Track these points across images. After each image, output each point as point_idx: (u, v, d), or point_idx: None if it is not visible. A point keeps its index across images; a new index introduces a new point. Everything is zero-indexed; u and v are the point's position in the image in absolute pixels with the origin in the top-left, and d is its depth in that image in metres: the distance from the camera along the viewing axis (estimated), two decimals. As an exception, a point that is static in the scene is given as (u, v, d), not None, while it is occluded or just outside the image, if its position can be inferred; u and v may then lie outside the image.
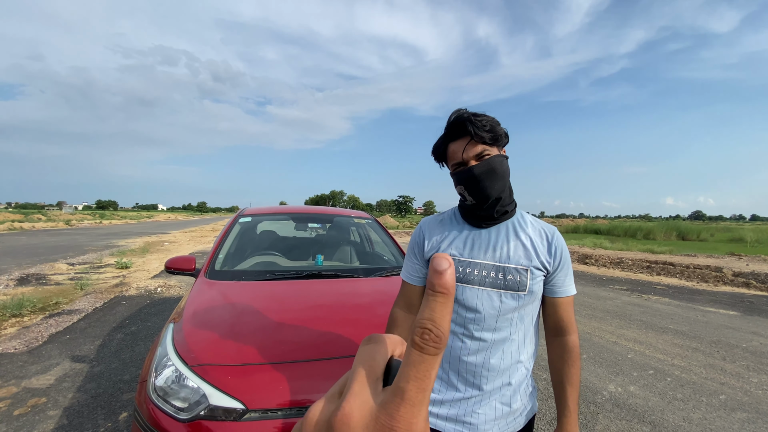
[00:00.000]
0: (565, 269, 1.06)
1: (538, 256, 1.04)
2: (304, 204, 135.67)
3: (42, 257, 10.42)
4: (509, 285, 1.02)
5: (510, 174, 1.07)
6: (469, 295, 1.04)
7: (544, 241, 1.07)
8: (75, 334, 4.16)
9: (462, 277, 1.05)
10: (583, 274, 9.91)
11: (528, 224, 1.09)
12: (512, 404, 1.06)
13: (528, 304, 1.04)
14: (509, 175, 1.07)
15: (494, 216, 1.06)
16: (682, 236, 29.61)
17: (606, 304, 6.29)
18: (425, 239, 1.15)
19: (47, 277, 7.58)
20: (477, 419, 1.04)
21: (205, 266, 2.39)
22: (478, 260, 1.05)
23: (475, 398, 1.05)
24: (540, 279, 1.04)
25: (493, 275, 1.03)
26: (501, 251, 1.04)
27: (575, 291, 1.08)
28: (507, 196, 1.06)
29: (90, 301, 5.67)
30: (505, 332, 1.04)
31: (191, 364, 1.46)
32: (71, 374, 3.13)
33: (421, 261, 1.15)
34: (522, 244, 1.05)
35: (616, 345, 4.24)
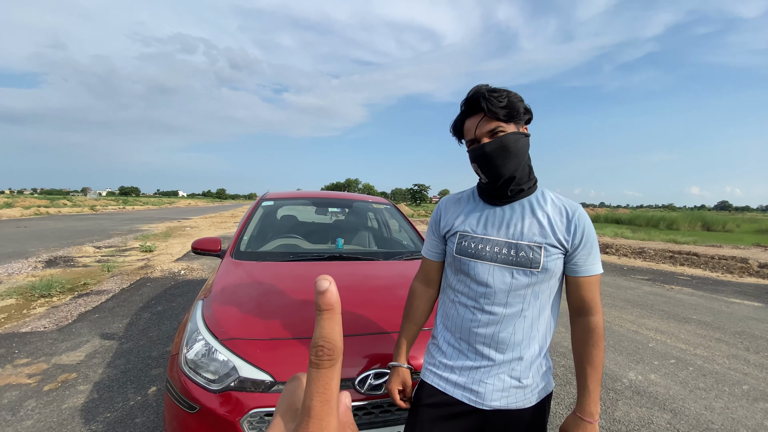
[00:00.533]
0: (588, 247, 1.03)
1: (555, 234, 1.02)
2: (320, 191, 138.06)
3: (69, 241, 10.83)
4: (521, 261, 1.02)
5: (528, 152, 1.05)
6: (480, 270, 1.05)
7: (564, 219, 1.04)
8: (104, 313, 4.34)
9: (474, 252, 1.07)
10: (604, 263, 9.70)
11: (548, 201, 1.07)
12: (522, 379, 1.06)
13: (543, 282, 1.03)
14: (527, 154, 1.05)
15: (508, 194, 1.05)
16: (707, 227, 28.76)
17: (627, 294, 6.19)
18: (441, 216, 1.19)
19: (75, 260, 7.89)
20: (484, 388, 1.06)
21: (230, 247, 2.45)
22: (491, 237, 1.06)
23: (484, 368, 1.06)
24: (556, 257, 1.02)
25: (506, 252, 1.03)
26: (515, 228, 1.04)
27: (601, 270, 1.05)
28: (524, 175, 1.05)
29: (117, 282, 5.88)
30: (517, 307, 1.04)
31: (221, 338, 1.51)
32: (101, 351, 3.28)
33: (438, 237, 1.20)
34: (538, 221, 1.04)
35: (637, 334, 4.18)
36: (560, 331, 4.20)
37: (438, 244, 1.20)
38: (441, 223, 1.19)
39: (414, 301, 1.26)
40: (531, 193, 1.08)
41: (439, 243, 1.20)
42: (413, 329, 1.26)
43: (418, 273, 1.29)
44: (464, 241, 1.09)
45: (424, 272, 1.26)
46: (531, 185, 1.07)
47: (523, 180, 1.05)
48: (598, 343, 1.04)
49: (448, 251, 1.16)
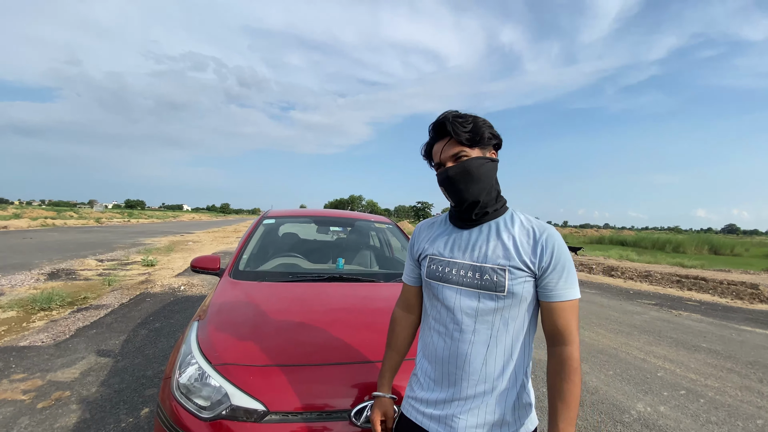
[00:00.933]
0: (559, 270, 0.98)
1: (519, 255, 0.98)
2: (324, 208, 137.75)
3: (72, 253, 10.85)
4: (486, 285, 0.99)
5: (494, 177, 1.05)
6: (447, 294, 1.04)
7: (531, 240, 1.01)
8: (101, 329, 4.29)
9: (441, 276, 1.05)
10: (608, 287, 9.60)
11: (516, 223, 1.05)
12: (497, 414, 1.00)
13: (512, 307, 0.99)
14: (492, 178, 1.04)
15: (473, 218, 1.04)
16: (714, 250, 28.41)
17: (633, 319, 6.06)
18: (415, 240, 1.20)
19: (77, 273, 7.88)
20: (457, 423, 1.02)
21: (229, 266, 2.42)
22: (457, 260, 1.04)
23: (458, 402, 1.02)
24: (523, 280, 0.98)
25: (471, 275, 1.01)
26: (479, 251, 1.02)
27: (577, 295, 0.99)
28: (490, 199, 1.04)
29: (117, 297, 5.84)
30: (485, 334, 1.00)
31: (214, 363, 1.46)
32: (96, 368, 3.22)
33: (414, 262, 1.19)
34: (503, 243, 1.01)
35: (645, 362, 4.06)
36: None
37: (414, 269, 1.20)
38: (415, 246, 1.19)
39: (395, 328, 1.24)
40: (498, 216, 1.06)
41: (415, 267, 1.19)
42: (395, 358, 1.24)
43: (399, 299, 1.27)
44: (433, 264, 1.08)
45: (404, 298, 1.25)
46: (498, 208, 1.06)
47: (489, 204, 1.04)
48: (572, 377, 0.95)
49: (422, 275, 1.15)
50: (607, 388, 3.33)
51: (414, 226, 26.31)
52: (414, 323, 1.24)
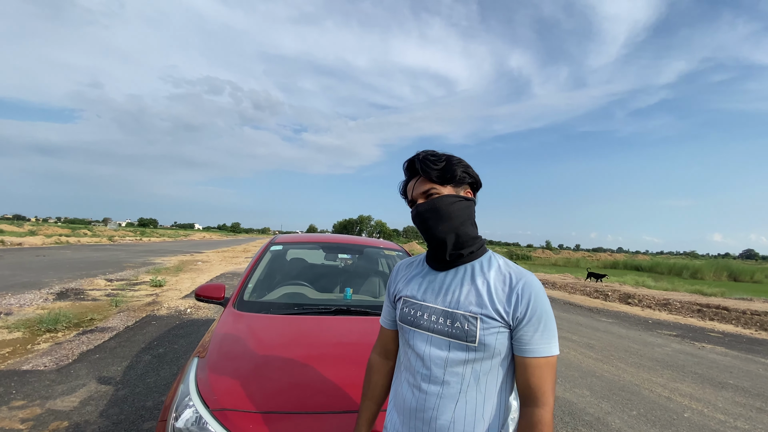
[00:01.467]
0: (535, 323, 0.89)
1: (493, 303, 0.91)
2: (333, 228, 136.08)
3: (83, 272, 10.91)
4: (456, 333, 0.91)
5: (468, 216, 1.00)
6: (418, 340, 0.97)
7: (506, 287, 0.93)
8: (104, 354, 4.21)
9: (413, 320, 0.99)
10: (626, 315, 9.27)
11: (493, 268, 0.97)
12: None
13: (484, 360, 0.91)
14: (464, 217, 0.98)
15: (447, 259, 0.98)
16: (733, 277, 27.56)
17: (654, 352, 5.78)
18: (392, 282, 1.14)
19: (85, 292, 7.88)
20: None
21: (234, 296, 2.34)
22: (429, 304, 0.98)
23: None
24: (496, 330, 0.90)
25: (442, 321, 0.94)
26: (452, 296, 0.96)
27: (554, 352, 0.90)
28: (463, 240, 0.98)
29: (123, 319, 5.79)
30: (455, 387, 0.91)
31: (212, 407, 1.37)
32: (96, 397, 3.12)
33: (391, 304, 1.13)
34: (476, 289, 0.94)
35: (670, 401, 3.82)
36: (584, 394, 3.87)
37: (391, 311, 1.13)
38: (392, 287, 1.13)
39: (372, 376, 1.15)
40: (475, 259, 1.00)
41: (391, 309, 1.12)
42: (372, 408, 1.14)
43: (375, 343, 1.19)
44: (406, 307, 1.02)
45: (381, 342, 1.17)
46: (474, 250, 1.00)
47: (464, 245, 0.98)
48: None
49: (396, 318, 1.08)
50: (631, 430, 3.12)
51: (423, 248, 26.06)
52: (392, 370, 1.15)
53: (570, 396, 3.78)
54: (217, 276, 11.74)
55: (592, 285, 15.12)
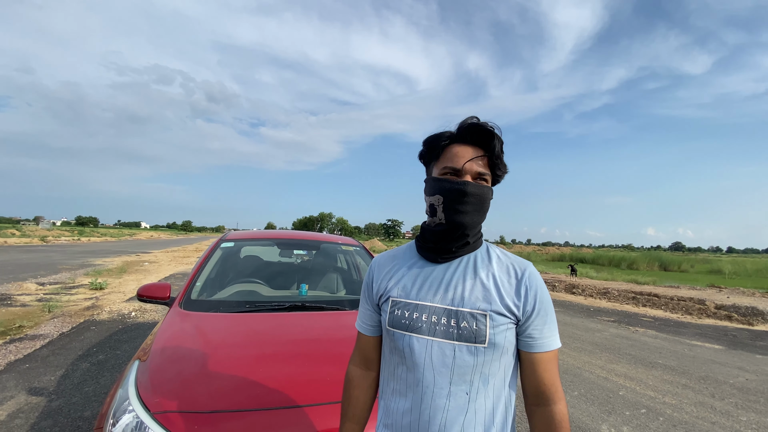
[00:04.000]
0: (543, 315, 0.85)
1: (501, 298, 0.83)
2: (292, 225, 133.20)
3: (10, 276, 9.91)
4: (464, 335, 0.81)
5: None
6: (415, 347, 0.83)
7: (512, 279, 0.86)
8: (35, 363, 3.86)
9: (408, 324, 0.85)
10: (571, 304, 9.87)
11: (494, 259, 0.90)
12: None
13: (493, 361, 0.82)
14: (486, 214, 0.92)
15: (452, 250, 0.88)
16: (664, 267, 30.19)
17: (594, 337, 6.22)
18: (374, 278, 0.97)
19: (13, 298, 7.17)
20: None
21: (180, 295, 2.24)
22: (426, 303, 0.86)
23: None
24: (506, 328, 0.82)
25: (445, 322, 0.83)
26: (455, 291, 0.85)
27: (559, 344, 0.86)
28: (475, 232, 0.90)
29: (57, 326, 5.33)
30: (461, 398, 0.81)
31: (154, 410, 1.30)
32: (26, 409, 2.86)
33: (372, 306, 0.97)
34: (482, 282, 0.85)
35: (607, 381, 4.13)
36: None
37: (372, 315, 0.97)
38: (374, 286, 0.96)
39: (351, 391, 0.99)
40: (475, 249, 0.91)
41: (373, 313, 0.97)
42: (356, 430, 0.97)
43: (353, 353, 1.03)
44: (397, 309, 0.88)
45: (360, 351, 1.01)
46: (477, 239, 0.91)
47: (471, 235, 0.89)
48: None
49: (382, 323, 0.93)
50: (572, 410, 3.34)
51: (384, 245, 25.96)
52: (375, 382, 1.00)
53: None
54: (166, 276, 11.12)
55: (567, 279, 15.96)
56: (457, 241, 0.88)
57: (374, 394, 1.02)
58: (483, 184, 0.87)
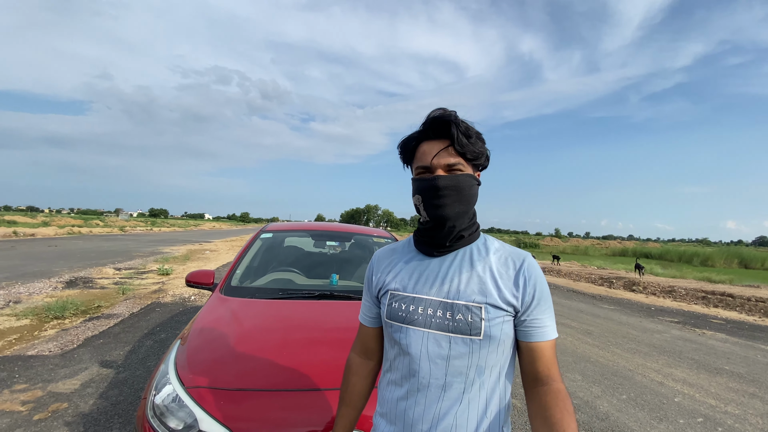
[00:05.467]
0: (543, 305, 0.85)
1: (498, 290, 0.84)
2: (340, 217, 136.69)
3: (93, 261, 11.16)
4: (459, 327, 0.82)
5: (476, 201, 0.91)
6: (412, 338, 0.85)
7: (510, 271, 0.86)
8: (108, 339, 4.35)
9: (405, 316, 0.87)
10: (629, 302, 9.24)
11: (491, 251, 0.90)
12: None
13: (489, 353, 0.83)
14: (475, 202, 0.91)
15: (446, 244, 0.89)
16: (744, 264, 27.19)
17: (653, 338, 5.78)
18: (373, 272, 1.01)
19: (94, 281, 8.08)
20: None
21: (221, 282, 2.41)
22: (422, 296, 0.87)
23: None
24: (501, 320, 0.83)
25: (440, 314, 0.84)
26: (450, 284, 0.86)
27: (556, 334, 0.87)
28: (466, 224, 0.90)
29: (128, 306, 5.94)
30: (457, 389, 0.83)
31: (187, 385, 1.43)
32: (97, 380, 3.24)
33: (372, 299, 1.00)
34: (477, 275, 0.86)
35: (662, 386, 3.84)
36: (576, 378, 3.91)
37: (372, 307, 1.01)
38: (373, 279, 1.00)
39: (350, 378, 1.03)
40: (472, 242, 0.91)
41: (373, 305, 1.00)
42: (351, 414, 1.01)
43: (354, 342, 1.08)
44: (395, 302, 0.90)
45: (361, 341, 1.05)
46: (472, 231, 0.91)
47: (463, 227, 0.89)
48: (570, 408, 0.79)
49: (381, 315, 0.96)
50: (618, 414, 3.15)
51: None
52: (373, 371, 1.04)
53: (561, 380, 3.81)
54: (223, 264, 11.92)
55: (596, 272, 15.05)
56: (447, 235, 0.88)
57: (372, 383, 1.05)
58: (457, 174, 0.86)
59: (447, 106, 0.90)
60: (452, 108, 0.89)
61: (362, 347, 1.05)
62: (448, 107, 0.89)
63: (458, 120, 0.84)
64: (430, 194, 0.86)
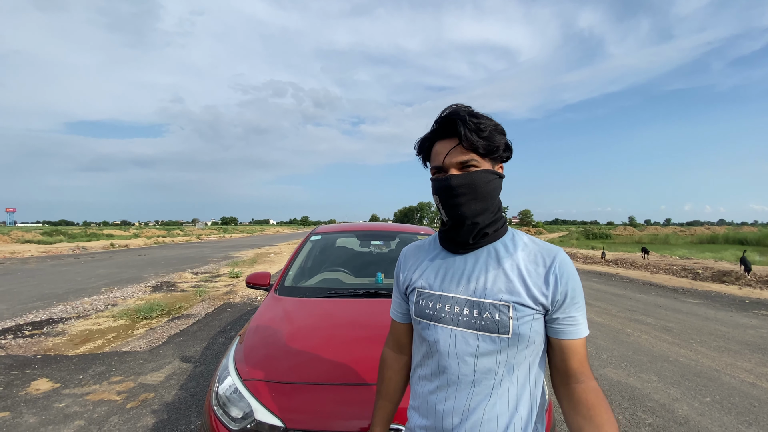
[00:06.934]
0: (577, 302, 0.83)
1: (527, 289, 0.82)
2: (393, 216, 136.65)
3: (174, 267, 12.39)
4: (487, 326, 0.82)
5: (498, 196, 0.90)
6: (441, 336, 0.86)
7: (540, 268, 0.84)
8: (187, 337, 4.83)
9: (432, 314, 0.88)
10: (718, 295, 8.27)
11: (519, 247, 0.88)
12: None
13: (519, 351, 0.82)
14: (497, 198, 0.89)
15: (470, 242, 0.88)
16: None
17: (746, 335, 5.13)
18: (401, 269, 1.02)
19: (175, 285, 8.97)
20: None
21: (276, 283, 2.58)
22: (450, 294, 0.87)
23: None
24: (531, 318, 0.82)
25: (468, 312, 0.84)
26: (477, 282, 0.85)
27: (588, 331, 0.85)
28: (489, 220, 0.87)
29: (204, 307, 6.53)
30: (487, 384, 0.83)
31: (244, 378, 1.57)
32: (178, 373, 3.62)
33: (401, 296, 1.02)
34: (504, 273, 0.84)
35: (754, 387, 3.41)
36: (651, 379, 3.60)
37: (402, 303, 1.02)
38: (401, 277, 1.01)
39: (385, 372, 1.06)
40: (498, 238, 0.90)
41: (402, 301, 1.02)
42: (388, 407, 1.05)
43: (387, 337, 1.11)
44: (422, 300, 0.91)
45: (393, 337, 1.08)
46: (498, 228, 0.89)
47: (486, 224, 0.87)
48: (607, 404, 0.79)
49: (410, 312, 0.97)
50: (700, 418, 2.86)
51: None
52: (407, 365, 1.06)
53: (633, 381, 3.54)
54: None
55: (678, 263, 13.65)
56: (468, 233, 0.87)
57: (406, 376, 1.07)
58: (471, 171, 0.84)
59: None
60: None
61: (395, 342, 1.07)
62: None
63: (466, 116, 0.82)
64: (445, 194, 0.85)
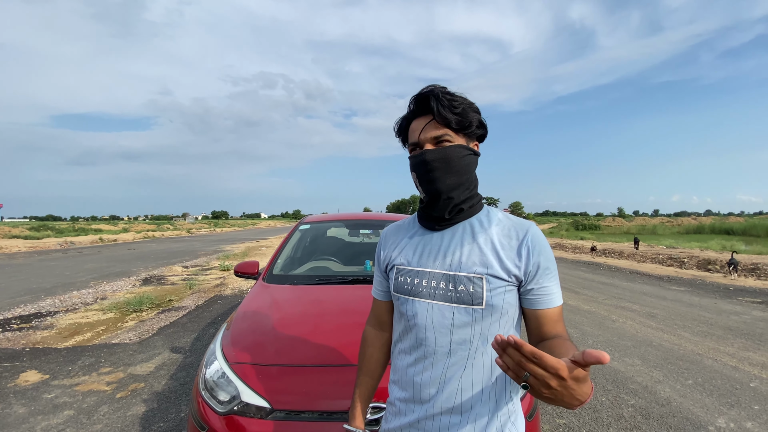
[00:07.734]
0: (550, 272, 0.86)
1: (500, 261, 0.85)
2: (386, 209, 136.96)
3: (164, 261, 12.28)
4: (461, 297, 0.84)
5: (474, 172, 0.92)
6: (417, 309, 0.89)
7: (513, 241, 0.87)
8: (177, 328, 4.81)
9: (410, 289, 0.91)
10: (702, 282, 8.46)
11: (493, 223, 0.91)
12: None
13: (492, 322, 0.85)
14: (472, 173, 0.91)
15: (445, 217, 0.90)
16: None
17: (729, 320, 5.26)
18: (381, 249, 1.05)
19: (165, 278, 8.90)
20: None
21: (264, 271, 2.58)
22: (426, 269, 0.90)
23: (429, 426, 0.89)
24: (504, 289, 0.84)
25: (444, 286, 0.86)
26: (452, 257, 0.88)
27: (561, 301, 0.86)
28: (464, 196, 0.90)
29: (194, 299, 6.50)
30: (461, 355, 0.85)
31: (231, 362, 1.57)
32: (168, 363, 3.61)
33: (382, 274, 1.04)
34: (479, 247, 0.87)
35: (736, 370, 3.51)
36: (634, 363, 3.68)
37: (382, 281, 1.05)
38: (382, 255, 1.04)
39: (366, 349, 1.09)
40: (474, 214, 0.93)
41: (383, 280, 1.05)
42: (368, 383, 1.08)
43: (369, 316, 1.14)
44: (400, 276, 0.94)
45: (374, 314, 1.11)
46: (474, 204, 0.93)
47: (461, 200, 0.90)
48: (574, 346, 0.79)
49: (390, 289, 1.00)
50: (682, 399, 2.94)
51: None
52: (387, 342, 1.09)
53: (617, 365, 3.62)
54: (277, 259, 12.57)
55: (665, 252, 13.90)
56: (444, 207, 0.90)
57: (387, 353, 1.09)
58: (445, 146, 0.87)
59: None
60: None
61: (376, 320, 1.10)
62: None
63: (440, 93, 0.86)
64: (421, 170, 0.88)
